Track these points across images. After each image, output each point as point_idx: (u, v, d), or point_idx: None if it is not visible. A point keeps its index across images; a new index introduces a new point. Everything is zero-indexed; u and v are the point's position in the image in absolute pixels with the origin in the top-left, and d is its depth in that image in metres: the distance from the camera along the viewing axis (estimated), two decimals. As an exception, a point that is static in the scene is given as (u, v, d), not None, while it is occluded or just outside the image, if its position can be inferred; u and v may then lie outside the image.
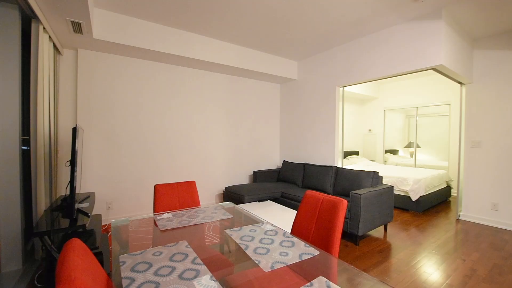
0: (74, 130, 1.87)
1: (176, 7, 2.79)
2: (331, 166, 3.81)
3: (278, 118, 5.23)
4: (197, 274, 0.99)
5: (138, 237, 1.43)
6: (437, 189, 4.46)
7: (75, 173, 1.87)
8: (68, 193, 2.44)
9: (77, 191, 2.10)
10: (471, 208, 3.67)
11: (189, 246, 1.26)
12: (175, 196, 2.05)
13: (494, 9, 2.79)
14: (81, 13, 2.25)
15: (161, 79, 3.71)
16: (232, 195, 3.81)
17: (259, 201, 3.81)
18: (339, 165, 4.16)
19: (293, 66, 4.69)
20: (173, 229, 1.53)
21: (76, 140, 1.85)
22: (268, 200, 3.88)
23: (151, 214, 1.83)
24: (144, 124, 3.58)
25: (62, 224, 1.77)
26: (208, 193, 4.26)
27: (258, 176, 4.49)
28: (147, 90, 3.60)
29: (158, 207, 1.97)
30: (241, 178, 4.68)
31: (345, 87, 4.19)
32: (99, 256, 1.78)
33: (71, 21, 2.37)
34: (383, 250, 2.68)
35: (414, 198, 3.97)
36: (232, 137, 4.54)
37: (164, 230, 1.51)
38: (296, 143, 4.81)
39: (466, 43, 3.42)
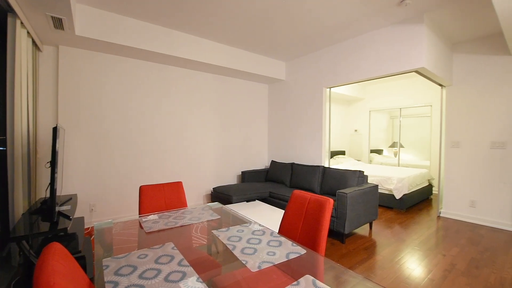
0: (55, 129, 1.80)
1: (165, 6, 2.75)
2: (319, 166, 3.87)
3: (266, 118, 5.25)
4: (184, 276, 0.98)
5: (123, 239, 1.39)
6: (420, 188, 4.61)
7: (55, 175, 1.79)
8: (48, 195, 2.34)
9: (58, 193, 2.02)
10: (451, 205, 3.82)
11: (175, 248, 1.24)
12: (161, 197, 2.01)
13: (472, 15, 2.92)
14: (62, 8, 2.17)
15: (148, 78, 3.64)
16: (220, 195, 3.79)
17: (247, 201, 3.80)
18: (326, 165, 4.23)
19: (281, 67, 4.72)
20: (159, 231, 1.50)
21: (57, 140, 1.78)
22: (256, 200, 3.88)
23: (137, 216, 1.78)
24: (129, 123, 3.50)
25: (41, 227, 1.70)
26: (195, 194, 4.22)
27: (247, 176, 4.49)
28: (133, 89, 3.51)
29: (143, 209, 1.93)
30: (230, 178, 4.66)
31: (331, 88, 4.26)
32: (82, 260, 1.72)
33: (52, 17, 2.28)
34: (369, 247, 2.75)
35: (398, 197, 4.09)
36: (221, 137, 4.51)
37: (150, 232, 1.48)
38: (284, 143, 4.85)
39: (446, 47, 3.56)
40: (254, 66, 4.29)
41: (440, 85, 3.83)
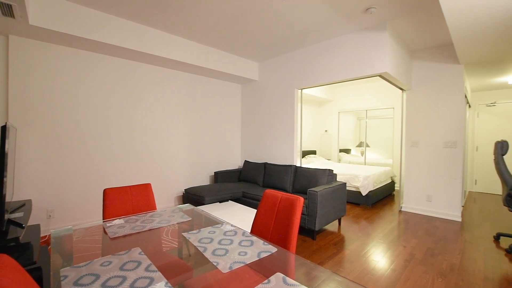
0: (4, 128, 1.62)
1: (130, -2, 2.61)
2: (291, 165, 3.95)
3: (239, 118, 5.24)
4: (151, 281, 0.94)
5: (84, 247, 1.30)
6: (384, 184, 4.93)
7: (4, 179, 1.61)
8: (-4, 202, 2.10)
9: (8, 199, 1.82)
10: (411, 200, 4.14)
11: (142, 253, 1.18)
12: (128, 200, 1.91)
13: (428, 26, 3.19)
14: (12, -6, 1.96)
15: (113, 74, 3.43)
16: (192, 196, 3.70)
17: (220, 201, 3.76)
18: (298, 164, 4.34)
19: (254, 67, 4.74)
20: (125, 236, 1.42)
21: (6, 141, 1.60)
22: (230, 201, 3.86)
23: (101, 221, 1.67)
24: (93, 122, 3.27)
25: (-13, 238, 1.52)
26: (166, 196, 4.07)
27: (219, 177, 4.44)
28: (97, 85, 3.29)
29: (108, 214, 1.82)
30: (202, 179, 4.58)
31: (303, 90, 4.38)
32: (37, 272, 1.57)
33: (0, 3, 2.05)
34: (338, 242, 2.87)
35: (364, 193, 4.33)
36: (192, 137, 4.41)
37: (115, 238, 1.40)
38: (257, 143, 4.88)
39: (406, 54, 3.85)
40: (227, 66, 4.26)
41: (401, 89, 4.13)
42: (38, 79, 2.87)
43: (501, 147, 2.86)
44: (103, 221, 1.66)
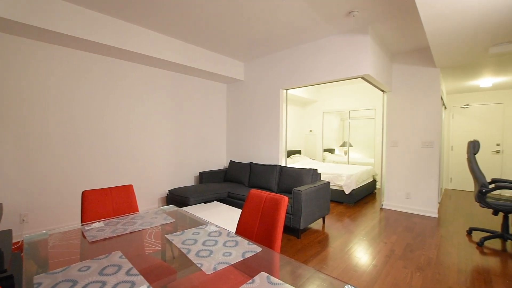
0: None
1: (110, -7, 2.52)
2: (276, 165, 3.98)
3: (225, 118, 5.21)
4: (132, 285, 0.91)
5: (61, 252, 1.24)
6: (366, 183, 5.08)
7: (-29, 182, 1.51)
8: (-38, 206, 1.96)
9: (-25, 203, 1.71)
10: (391, 198, 4.29)
11: (123, 256, 1.15)
12: (108, 202, 1.85)
13: (407, 31, 3.31)
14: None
15: (93, 71, 3.30)
16: (177, 197, 3.64)
17: (205, 202, 3.72)
18: (283, 164, 4.37)
19: (239, 67, 4.73)
20: (104, 239, 1.37)
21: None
22: (215, 201, 3.82)
23: (79, 225, 1.60)
24: (71, 121, 3.13)
25: (-49, 245, 1.42)
26: (149, 198, 3.97)
27: (204, 177, 4.39)
28: (75, 83, 3.15)
29: (87, 217, 1.74)
30: (187, 179, 4.51)
31: (288, 90, 4.43)
32: (8, 280, 1.48)
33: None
34: (322, 240, 2.92)
35: (347, 192, 4.44)
36: (177, 137, 4.33)
37: (94, 242, 1.35)
38: (242, 143, 4.87)
39: (387, 57, 3.99)
40: (212, 65, 4.22)
41: (382, 90, 4.27)
42: (9, 75, 2.71)
43: (473, 147, 3.03)
44: (82, 225, 1.59)
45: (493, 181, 3.11)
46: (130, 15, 2.96)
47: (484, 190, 2.84)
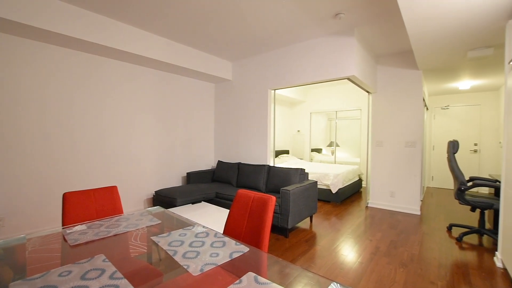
0: None
1: (93, -11, 2.44)
2: (264, 165, 3.99)
3: (212, 118, 5.17)
4: (116, 290, 0.89)
5: (40, 257, 1.19)
6: (352, 182, 5.18)
7: None
8: None
9: None
10: (376, 196, 4.40)
11: (107, 260, 1.11)
12: (91, 205, 1.79)
13: (391, 34, 3.41)
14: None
15: (74, 68, 3.18)
16: (163, 198, 3.57)
17: (192, 203, 3.68)
18: (271, 164, 4.39)
19: (227, 67, 4.70)
20: (87, 242, 1.33)
21: None
22: (202, 202, 3.79)
23: (60, 228, 1.54)
24: (51, 120, 3.01)
25: None
26: (135, 199, 3.88)
27: (192, 177, 4.34)
28: (57, 81, 3.03)
29: (68, 219, 1.68)
30: (174, 180, 4.44)
31: (276, 90, 4.45)
32: (-18, 287, 1.40)
33: None
34: (309, 239, 2.96)
35: (334, 191, 4.51)
36: (163, 137, 4.25)
37: (76, 245, 1.30)
38: (230, 143, 4.85)
39: (372, 59, 4.08)
40: (200, 64, 4.18)
41: (367, 91, 4.37)
42: (-15, 72, 2.57)
43: (452, 146, 3.15)
44: (63, 228, 1.53)
45: (471, 179, 3.26)
46: (114, 11, 2.88)
47: (462, 188, 2.97)
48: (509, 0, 2.05)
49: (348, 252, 2.64)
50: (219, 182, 4.45)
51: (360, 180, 5.70)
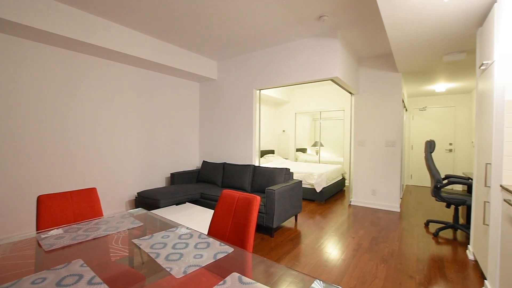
0: None
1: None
2: (249, 165, 3.99)
3: (197, 118, 5.10)
4: (95, 296, 0.85)
5: (12, 264, 1.12)
6: (336, 181, 5.29)
7: None
8: None
9: None
10: (359, 194, 4.52)
11: (85, 265, 1.07)
12: (68, 207, 1.71)
13: (373, 36, 3.52)
14: None
15: (51, 66, 3.03)
16: (146, 200, 3.48)
17: (176, 204, 3.61)
18: (257, 164, 4.40)
19: (212, 66, 4.66)
20: (63, 247, 1.27)
21: None
22: (187, 203, 3.73)
23: (34, 233, 1.46)
24: (25, 119, 2.84)
25: None
26: (116, 201, 3.75)
27: (176, 178, 4.26)
28: (30, 78, 2.86)
29: (43, 224, 1.60)
30: (157, 181, 4.34)
31: (261, 90, 4.46)
32: None
33: None
34: (294, 238, 2.99)
35: (318, 190, 4.59)
36: (146, 137, 4.15)
37: (51, 251, 1.24)
38: (216, 143, 4.81)
39: (355, 61, 4.19)
40: (184, 63, 4.11)
41: (350, 93, 4.48)
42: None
43: (429, 146, 3.30)
44: (37, 233, 1.45)
45: (446, 177, 3.43)
46: (95, 7, 2.77)
47: (438, 186, 3.12)
48: (478, 10, 2.18)
49: (332, 249, 2.69)
50: (204, 183, 4.40)
51: (343, 179, 5.84)
